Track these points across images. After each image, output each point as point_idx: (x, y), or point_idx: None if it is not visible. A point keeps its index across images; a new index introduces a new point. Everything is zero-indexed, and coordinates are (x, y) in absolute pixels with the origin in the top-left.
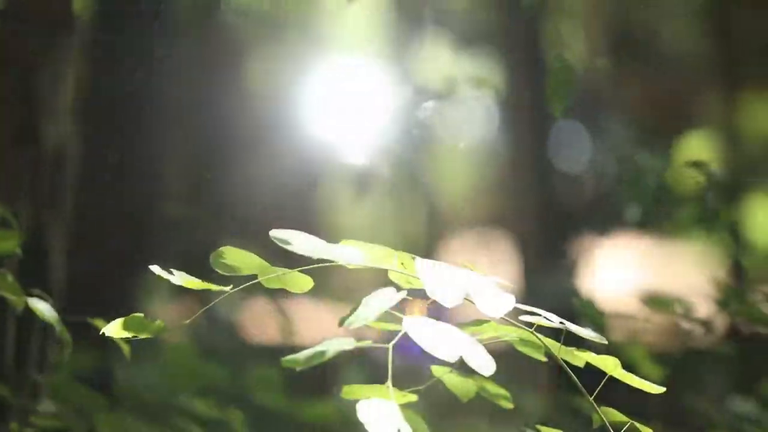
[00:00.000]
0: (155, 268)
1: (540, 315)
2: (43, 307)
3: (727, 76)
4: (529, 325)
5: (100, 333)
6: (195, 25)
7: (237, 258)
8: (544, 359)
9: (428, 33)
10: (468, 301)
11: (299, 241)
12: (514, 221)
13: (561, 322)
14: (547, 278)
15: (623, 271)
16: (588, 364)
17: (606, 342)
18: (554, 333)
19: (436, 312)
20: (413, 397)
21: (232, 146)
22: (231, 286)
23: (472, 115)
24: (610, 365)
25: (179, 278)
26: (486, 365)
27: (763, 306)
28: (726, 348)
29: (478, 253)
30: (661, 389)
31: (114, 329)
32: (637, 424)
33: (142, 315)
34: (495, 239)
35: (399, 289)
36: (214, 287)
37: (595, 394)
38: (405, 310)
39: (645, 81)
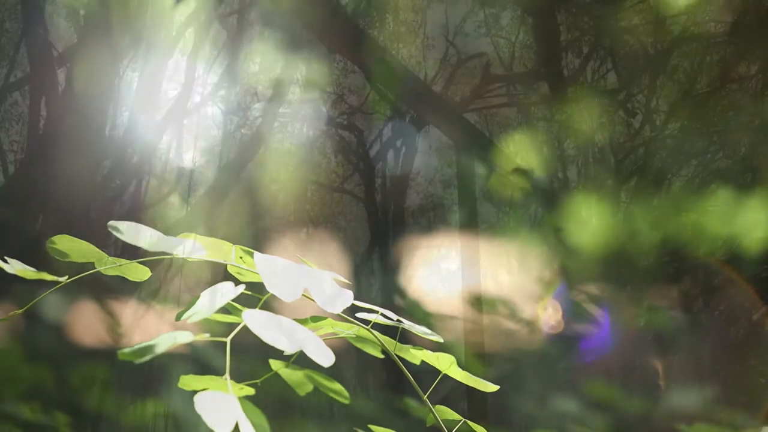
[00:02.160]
0: None
1: (377, 312)
2: None
3: (552, 78)
4: (366, 322)
5: None
6: (18, 22)
7: (72, 245)
8: (381, 356)
9: (256, 35)
10: (305, 297)
11: (135, 233)
12: (341, 221)
13: (398, 320)
14: (373, 278)
15: (449, 272)
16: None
17: (442, 340)
18: (387, 331)
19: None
20: (251, 390)
21: (55, 146)
22: (66, 276)
23: (300, 116)
24: (445, 364)
25: (13, 266)
26: (326, 357)
27: (585, 305)
28: (550, 347)
29: (305, 253)
30: (495, 387)
31: None
32: (470, 423)
33: None
34: (322, 239)
35: (237, 283)
36: (48, 276)
37: (429, 392)
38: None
39: (472, 83)
